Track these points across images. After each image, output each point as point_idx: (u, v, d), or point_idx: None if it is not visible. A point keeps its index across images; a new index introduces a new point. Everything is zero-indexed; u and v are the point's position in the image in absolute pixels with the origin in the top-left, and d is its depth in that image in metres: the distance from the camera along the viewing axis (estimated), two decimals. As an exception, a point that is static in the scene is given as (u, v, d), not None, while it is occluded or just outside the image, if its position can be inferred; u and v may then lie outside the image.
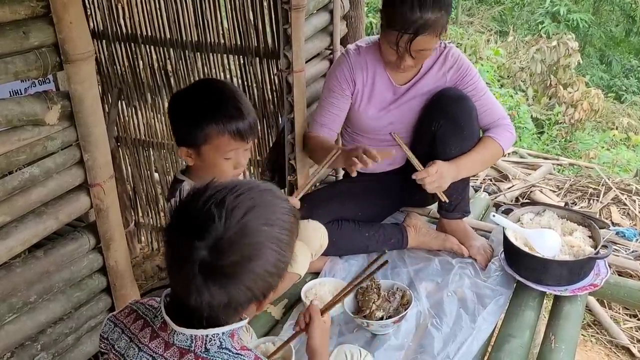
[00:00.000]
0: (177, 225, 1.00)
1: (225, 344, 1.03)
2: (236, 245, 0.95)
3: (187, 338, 1.02)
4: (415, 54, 1.94)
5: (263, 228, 0.98)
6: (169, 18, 2.73)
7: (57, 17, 1.36)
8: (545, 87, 7.12)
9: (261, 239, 0.97)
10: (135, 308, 1.12)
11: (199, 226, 0.95)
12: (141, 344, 1.06)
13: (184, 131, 1.67)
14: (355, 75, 2.15)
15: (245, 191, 0.99)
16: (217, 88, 1.73)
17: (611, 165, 5.24)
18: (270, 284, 1.02)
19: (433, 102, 2.14)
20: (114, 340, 1.10)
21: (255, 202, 0.98)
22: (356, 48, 2.18)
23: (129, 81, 2.98)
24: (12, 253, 1.40)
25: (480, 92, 2.17)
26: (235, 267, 0.95)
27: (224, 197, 0.96)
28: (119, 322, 1.12)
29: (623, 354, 2.84)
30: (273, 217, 1.00)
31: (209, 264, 0.94)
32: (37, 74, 1.38)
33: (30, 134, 1.39)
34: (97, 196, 1.58)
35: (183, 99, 1.73)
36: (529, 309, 1.96)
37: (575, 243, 2.03)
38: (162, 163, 3.19)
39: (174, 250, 0.99)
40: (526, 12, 10.13)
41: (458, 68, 2.14)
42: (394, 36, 1.90)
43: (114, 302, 1.73)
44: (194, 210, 0.97)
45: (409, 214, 2.37)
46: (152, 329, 1.06)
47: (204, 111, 1.63)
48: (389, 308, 1.87)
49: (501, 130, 2.17)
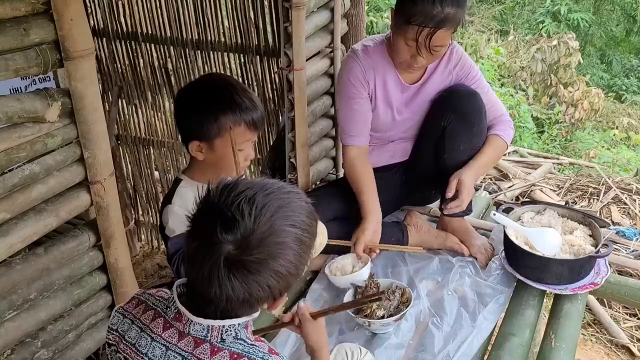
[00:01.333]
0: (205, 216, 1.01)
1: (241, 335, 1.04)
2: (263, 243, 0.97)
3: (203, 328, 1.03)
4: (433, 50, 1.92)
5: (289, 229, 1.00)
6: (169, 16, 2.73)
7: (57, 14, 1.36)
8: (546, 86, 7.12)
9: (287, 239, 0.99)
10: (144, 299, 1.13)
11: (229, 220, 0.96)
12: (154, 334, 1.07)
13: (196, 124, 1.63)
14: (368, 75, 2.14)
15: (274, 190, 1.01)
16: (225, 81, 1.73)
17: (611, 164, 5.24)
18: (289, 283, 1.03)
19: (443, 98, 2.15)
20: (124, 331, 1.11)
21: (284, 202, 1.00)
22: (364, 48, 2.15)
23: (130, 79, 2.98)
24: (12, 250, 1.41)
25: (484, 88, 2.18)
26: (260, 265, 0.97)
27: (254, 194, 0.98)
28: (127, 313, 1.13)
29: (623, 353, 2.85)
30: (298, 219, 1.02)
31: (234, 258, 0.96)
32: (38, 71, 1.38)
33: (30, 131, 1.39)
34: (97, 194, 1.58)
35: (192, 92, 1.71)
36: (529, 308, 1.96)
37: (575, 242, 2.03)
38: (162, 161, 3.19)
39: (199, 241, 0.99)
40: (527, 12, 10.12)
41: (462, 65, 2.15)
42: (414, 32, 1.88)
43: (114, 300, 1.73)
44: (225, 204, 0.98)
45: (409, 213, 2.37)
46: (165, 319, 1.07)
47: (219, 103, 1.62)
48: (390, 306, 1.87)
49: (504, 126, 2.19)
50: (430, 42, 1.89)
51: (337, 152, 2.65)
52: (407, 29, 1.90)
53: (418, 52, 1.94)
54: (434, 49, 1.92)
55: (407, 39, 1.93)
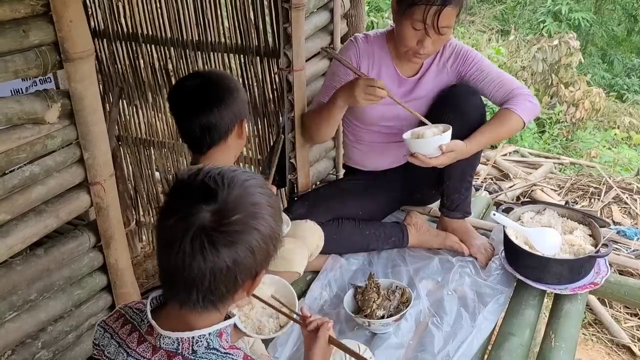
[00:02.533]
0: (179, 196, 1.01)
1: (213, 344, 1.02)
2: (240, 204, 0.98)
3: (173, 341, 1.02)
4: (440, 29, 1.91)
5: (259, 191, 1.02)
6: (169, 17, 2.73)
7: (57, 15, 1.36)
8: (547, 86, 7.10)
9: (261, 200, 1.01)
10: (124, 312, 1.12)
11: (206, 191, 0.98)
12: (129, 349, 1.05)
13: (242, 104, 1.69)
14: (361, 61, 2.15)
15: (236, 169, 1.05)
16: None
17: (612, 164, 5.23)
18: (268, 252, 1.02)
19: (443, 97, 2.14)
20: (104, 346, 1.10)
21: (247, 175, 1.03)
22: (364, 36, 2.18)
23: (130, 80, 2.98)
24: (12, 251, 1.41)
25: (487, 68, 2.13)
26: (241, 225, 0.97)
27: (221, 171, 1.01)
28: (108, 327, 1.12)
29: (624, 352, 2.84)
30: (264, 187, 1.05)
31: (217, 223, 0.96)
32: (37, 72, 1.38)
33: (30, 133, 1.39)
34: (97, 194, 1.58)
35: (211, 86, 1.70)
36: (529, 308, 1.96)
37: (575, 242, 2.03)
38: (163, 162, 3.19)
39: (176, 217, 0.98)
40: (528, 11, 10.11)
41: (457, 53, 2.14)
42: (421, 12, 1.88)
43: (115, 301, 1.74)
44: (196, 182, 1.00)
45: (409, 213, 2.37)
46: (140, 334, 1.06)
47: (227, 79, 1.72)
48: (390, 306, 1.88)
49: (519, 99, 2.07)
50: (438, 20, 1.88)
51: (337, 152, 2.65)
52: (414, 10, 1.90)
53: (426, 33, 1.93)
54: (442, 30, 1.91)
55: (414, 21, 1.92)
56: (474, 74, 2.12)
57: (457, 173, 2.16)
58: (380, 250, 2.26)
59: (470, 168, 2.21)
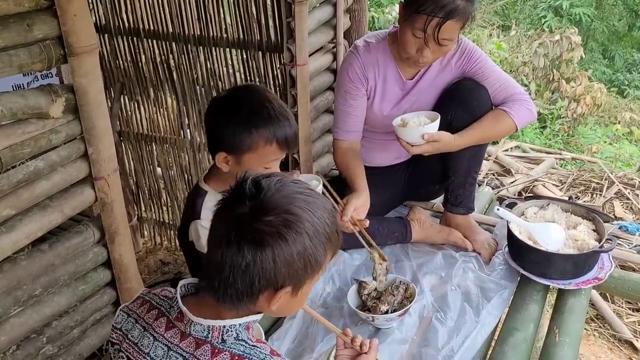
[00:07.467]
0: (234, 197, 1.03)
1: (242, 336, 1.04)
2: (277, 209, 0.98)
3: (204, 329, 1.03)
4: (441, 42, 1.89)
5: (307, 207, 1.01)
6: (171, 12, 2.73)
7: (61, 9, 1.36)
8: (548, 81, 7.09)
9: (303, 215, 1.00)
10: (149, 298, 1.13)
11: (253, 191, 1.00)
12: (156, 334, 1.06)
13: (228, 136, 1.56)
14: (367, 72, 2.12)
15: (300, 183, 1.05)
16: (263, 95, 1.64)
17: (614, 159, 5.23)
18: (295, 269, 1.00)
19: (449, 92, 2.13)
20: (127, 330, 1.11)
21: (308, 192, 1.03)
22: (365, 44, 2.14)
23: (132, 75, 2.98)
24: (17, 246, 1.41)
25: (489, 68, 2.12)
26: (270, 227, 0.97)
27: (281, 179, 1.03)
28: (132, 312, 1.13)
29: (626, 347, 2.85)
30: (319, 211, 1.02)
31: (249, 219, 0.97)
32: (42, 66, 1.38)
33: (34, 127, 1.39)
34: (101, 189, 1.58)
35: (228, 104, 1.62)
36: (533, 303, 1.96)
37: (579, 237, 2.03)
38: (164, 157, 3.19)
39: (223, 213, 1.02)
40: (529, 7, 10.09)
41: (462, 51, 2.12)
42: (422, 21, 1.86)
43: (119, 296, 1.74)
44: (252, 182, 1.01)
45: (412, 208, 2.37)
46: (168, 319, 1.07)
47: (255, 118, 1.56)
48: (394, 302, 1.88)
49: (517, 104, 2.08)
50: (438, 33, 1.86)
51: (339, 147, 2.64)
52: (416, 18, 1.88)
53: (426, 43, 1.92)
54: (442, 42, 1.90)
55: (414, 29, 1.90)
56: (477, 73, 2.11)
57: (463, 168, 2.16)
58: (384, 245, 2.26)
59: (476, 164, 2.21)
